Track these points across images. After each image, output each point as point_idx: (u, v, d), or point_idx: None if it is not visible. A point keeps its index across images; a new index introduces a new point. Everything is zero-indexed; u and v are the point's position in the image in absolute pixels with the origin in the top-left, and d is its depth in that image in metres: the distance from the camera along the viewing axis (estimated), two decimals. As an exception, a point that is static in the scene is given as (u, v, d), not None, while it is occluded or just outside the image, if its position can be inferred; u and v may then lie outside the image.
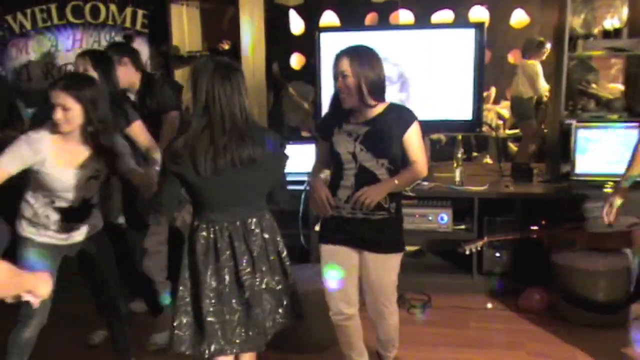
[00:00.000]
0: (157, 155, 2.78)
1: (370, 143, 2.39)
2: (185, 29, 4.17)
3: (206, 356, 2.07)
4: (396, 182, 2.40)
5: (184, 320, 2.09)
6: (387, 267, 2.48)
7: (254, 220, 2.12)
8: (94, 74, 2.70)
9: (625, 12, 3.88)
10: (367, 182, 2.39)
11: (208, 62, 2.06)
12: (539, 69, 4.77)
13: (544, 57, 4.69)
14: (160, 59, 4.18)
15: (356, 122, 2.42)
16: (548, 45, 4.45)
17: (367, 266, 2.49)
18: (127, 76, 3.09)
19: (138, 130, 2.82)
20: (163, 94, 3.14)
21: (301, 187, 3.71)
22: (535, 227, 3.58)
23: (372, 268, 2.48)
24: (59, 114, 2.24)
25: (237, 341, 2.08)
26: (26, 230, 2.39)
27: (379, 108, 2.41)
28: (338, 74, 2.36)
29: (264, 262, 2.13)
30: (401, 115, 2.42)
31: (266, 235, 2.15)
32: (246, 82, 2.12)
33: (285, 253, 2.23)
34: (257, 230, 2.12)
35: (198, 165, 2.00)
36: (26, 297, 1.66)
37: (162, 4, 3.97)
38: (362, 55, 2.37)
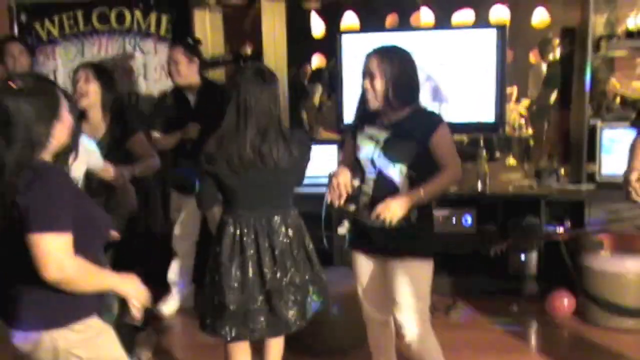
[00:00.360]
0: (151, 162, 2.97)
1: (389, 148, 2.30)
2: (208, 34, 4.20)
3: (228, 339, 2.28)
4: (422, 193, 2.25)
5: (210, 306, 2.28)
6: (408, 276, 2.31)
7: (279, 217, 2.29)
8: (95, 85, 2.93)
9: (649, 11, 3.84)
10: (385, 190, 2.29)
11: (248, 67, 2.35)
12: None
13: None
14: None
15: (380, 126, 2.34)
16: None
17: (388, 275, 2.37)
18: (193, 75, 3.43)
19: (136, 143, 3.02)
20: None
21: (322, 190, 3.72)
22: (561, 229, 3.57)
23: (392, 277, 2.35)
24: None
25: (258, 327, 2.25)
26: None
27: (405, 111, 2.32)
28: (366, 74, 2.30)
29: (289, 258, 2.29)
30: (425, 119, 2.32)
31: (290, 233, 2.33)
32: (280, 88, 2.33)
33: (311, 247, 2.43)
34: (282, 229, 2.30)
35: (229, 163, 2.23)
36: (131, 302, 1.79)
37: (185, 9, 4.01)
38: (392, 56, 2.28)
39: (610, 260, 3.40)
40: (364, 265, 2.46)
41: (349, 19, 4.57)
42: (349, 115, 4.00)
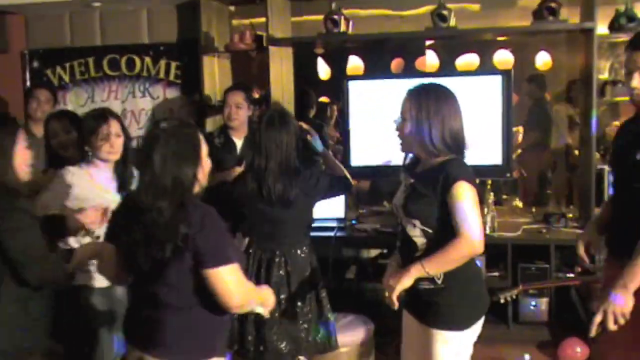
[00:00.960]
0: None
1: (408, 199, 2.10)
2: (217, 79, 4.27)
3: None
4: (424, 267, 1.96)
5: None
6: (431, 344, 2.08)
7: (280, 252, 2.62)
8: (73, 134, 2.90)
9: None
10: (406, 247, 2.12)
11: (266, 111, 2.69)
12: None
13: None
14: (191, 107, 4.28)
15: (412, 173, 2.15)
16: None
17: (420, 340, 2.16)
18: (246, 120, 3.52)
19: None
20: None
21: (330, 233, 3.74)
22: (571, 275, 3.54)
23: (417, 342, 2.17)
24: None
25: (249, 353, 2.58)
26: None
27: (438, 160, 2.06)
28: (400, 114, 2.11)
29: (284, 292, 2.58)
30: (446, 172, 2.00)
31: (290, 268, 2.60)
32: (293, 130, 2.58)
33: (320, 284, 2.67)
34: (282, 263, 2.61)
35: (246, 199, 2.59)
36: (257, 309, 1.97)
37: (194, 56, 4.09)
38: (423, 97, 2.04)
39: None
40: (408, 324, 2.26)
41: (354, 62, 4.65)
42: (355, 158, 4.04)
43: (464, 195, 1.96)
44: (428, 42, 4.53)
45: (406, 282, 1.99)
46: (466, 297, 2.09)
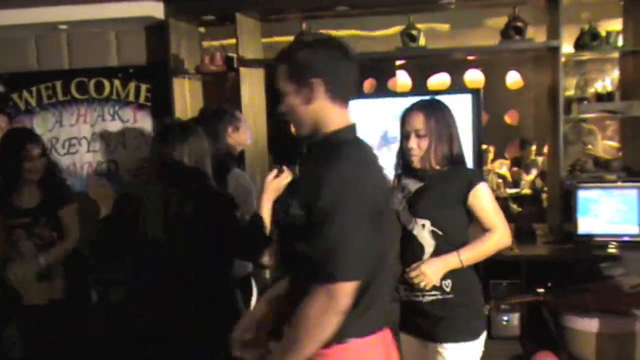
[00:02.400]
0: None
1: (415, 200, 2.11)
2: (188, 101, 4.25)
3: None
4: (460, 258, 2.02)
5: None
6: None
7: None
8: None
9: (616, 74, 3.99)
10: (410, 250, 2.08)
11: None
12: None
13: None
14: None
15: (415, 177, 2.17)
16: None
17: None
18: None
19: (67, 214, 3.08)
20: None
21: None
22: (542, 290, 3.57)
23: None
24: None
25: None
26: None
27: (447, 166, 2.16)
28: (410, 132, 2.13)
29: None
30: (463, 174, 2.14)
31: None
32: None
33: None
34: None
35: None
36: None
37: (164, 78, 4.06)
38: (438, 112, 2.13)
39: (592, 320, 3.38)
40: (409, 349, 2.20)
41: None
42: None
43: (490, 195, 2.13)
44: (399, 62, 4.57)
45: (442, 270, 2.00)
46: (473, 306, 2.13)
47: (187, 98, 4.24)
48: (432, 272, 2.01)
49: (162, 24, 4.06)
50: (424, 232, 2.07)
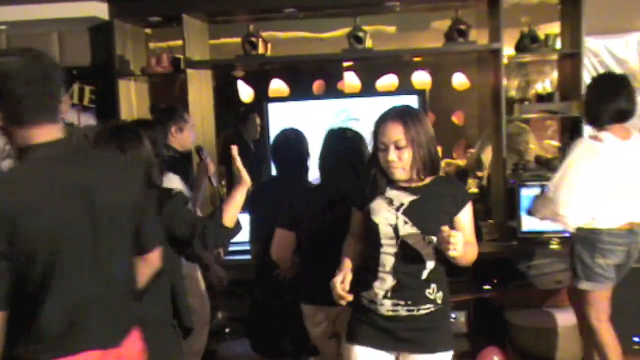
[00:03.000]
0: None
1: (418, 216, 2.01)
2: (134, 103, 4.19)
3: None
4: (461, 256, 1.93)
5: None
6: None
7: None
8: None
9: (555, 76, 4.12)
10: (409, 266, 2.01)
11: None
12: None
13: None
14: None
15: (401, 188, 2.07)
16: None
17: None
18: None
19: None
20: None
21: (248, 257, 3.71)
22: (488, 287, 3.65)
23: None
24: None
25: None
26: None
27: (428, 178, 2.08)
28: (388, 144, 2.00)
29: None
30: (455, 190, 2.10)
31: None
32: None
33: None
34: None
35: None
36: None
37: (109, 80, 3.99)
38: (416, 120, 2.02)
39: (535, 315, 3.48)
40: None
41: (277, 84, 4.68)
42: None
43: (472, 212, 2.12)
44: (348, 64, 4.61)
45: (459, 251, 1.88)
46: (449, 317, 2.20)
47: (133, 100, 4.18)
48: (462, 245, 1.89)
49: (107, 24, 3.99)
50: (428, 247, 2.02)
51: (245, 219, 3.68)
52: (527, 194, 3.74)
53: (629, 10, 4.06)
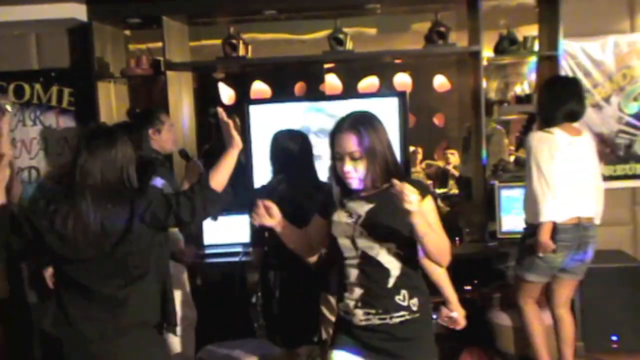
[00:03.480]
0: None
1: (373, 224, 1.97)
2: (114, 105, 4.15)
3: None
4: (429, 227, 1.87)
5: None
6: None
7: None
8: None
9: (533, 77, 4.17)
10: (374, 276, 1.98)
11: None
12: None
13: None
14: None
15: (358, 197, 2.01)
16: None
17: None
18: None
19: None
20: None
21: (236, 259, 3.71)
22: (468, 287, 3.67)
23: None
24: None
25: None
26: None
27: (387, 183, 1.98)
28: (343, 155, 1.97)
29: None
30: (414, 187, 1.92)
31: None
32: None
33: None
34: None
35: None
36: None
37: (88, 82, 3.95)
38: (370, 129, 1.96)
39: (516, 315, 3.50)
40: None
41: (258, 86, 4.66)
42: (259, 182, 4.02)
43: (434, 208, 2.00)
44: (329, 66, 4.61)
45: (417, 207, 1.82)
46: (431, 326, 2.09)
47: (112, 102, 4.14)
48: (417, 201, 1.83)
49: (86, 26, 3.95)
50: (389, 255, 1.97)
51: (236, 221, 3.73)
52: (507, 194, 3.79)
53: (605, 14, 4.11)
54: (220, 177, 2.14)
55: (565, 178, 3.02)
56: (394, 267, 1.97)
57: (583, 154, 3.10)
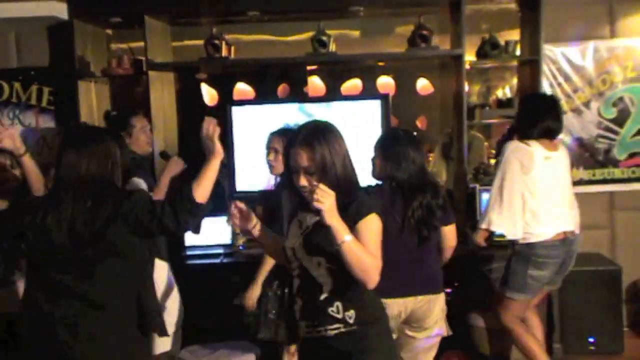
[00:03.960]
0: None
1: (312, 237, 1.95)
2: (94, 105, 4.11)
3: None
4: (348, 238, 1.79)
5: None
6: None
7: None
8: None
9: (515, 82, 4.20)
10: (309, 288, 1.95)
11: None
12: None
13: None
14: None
15: (310, 209, 1.92)
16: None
17: None
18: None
19: None
20: None
21: (217, 260, 3.70)
22: (449, 290, 3.67)
23: None
24: None
25: None
26: None
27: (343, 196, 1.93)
28: (299, 169, 1.93)
29: None
30: (357, 204, 1.92)
31: None
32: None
33: None
34: None
35: None
36: None
37: (69, 81, 3.91)
38: (323, 142, 1.91)
39: (496, 318, 3.52)
40: None
41: (242, 88, 4.64)
42: (241, 183, 4.01)
43: (372, 227, 1.90)
44: (313, 68, 4.61)
45: (334, 216, 1.77)
46: (380, 339, 1.99)
47: (93, 102, 4.10)
48: (332, 206, 1.79)
49: (66, 24, 3.91)
50: (320, 269, 1.93)
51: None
52: (487, 198, 3.80)
53: (585, 20, 4.17)
54: (203, 189, 2.10)
55: (545, 194, 3.05)
56: (325, 280, 1.93)
57: (559, 168, 3.15)
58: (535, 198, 3.03)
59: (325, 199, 1.77)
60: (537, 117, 3.12)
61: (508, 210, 3.03)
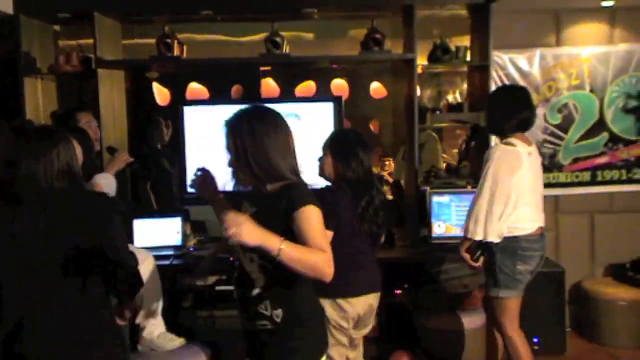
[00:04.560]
0: None
1: None
2: (40, 103, 3.99)
3: None
4: (283, 245, 1.73)
5: None
6: None
7: None
8: None
9: (465, 87, 4.29)
10: (242, 286, 1.95)
11: None
12: None
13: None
14: (11, 134, 3.94)
15: (252, 199, 1.96)
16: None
17: None
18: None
19: None
20: None
21: (166, 262, 3.64)
22: (399, 291, 3.73)
23: None
24: None
25: None
26: None
27: (277, 185, 1.93)
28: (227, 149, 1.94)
29: None
30: (290, 196, 1.85)
31: None
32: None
33: None
34: None
35: None
36: None
37: (14, 78, 3.78)
38: (243, 125, 1.90)
39: (444, 319, 3.58)
40: None
41: (195, 88, 4.59)
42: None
43: (312, 219, 1.83)
44: (267, 69, 4.60)
45: (258, 237, 1.70)
46: (311, 339, 1.98)
47: (39, 99, 3.98)
48: (248, 229, 1.70)
49: (12, 19, 3.78)
50: (252, 265, 1.89)
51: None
52: (438, 200, 3.87)
53: (532, 28, 4.29)
54: None
55: (528, 189, 3.01)
56: (257, 277, 1.90)
57: (536, 163, 3.11)
58: (521, 194, 2.98)
59: (237, 227, 1.68)
60: (511, 109, 3.03)
61: (498, 219, 2.94)
